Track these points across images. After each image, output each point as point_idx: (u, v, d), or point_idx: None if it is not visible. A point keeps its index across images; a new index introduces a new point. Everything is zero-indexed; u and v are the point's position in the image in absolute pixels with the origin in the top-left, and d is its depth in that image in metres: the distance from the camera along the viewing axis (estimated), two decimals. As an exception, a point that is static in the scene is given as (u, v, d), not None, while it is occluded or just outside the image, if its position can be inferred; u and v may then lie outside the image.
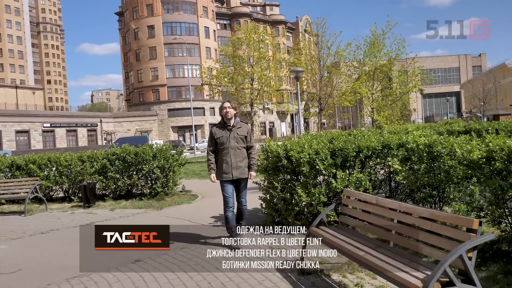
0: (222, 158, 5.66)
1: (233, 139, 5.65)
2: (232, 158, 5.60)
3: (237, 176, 5.63)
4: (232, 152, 5.62)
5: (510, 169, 4.34)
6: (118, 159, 10.37)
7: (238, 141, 5.68)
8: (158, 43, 62.93)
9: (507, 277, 3.91)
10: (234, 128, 5.72)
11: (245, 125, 5.86)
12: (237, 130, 5.73)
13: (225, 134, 5.68)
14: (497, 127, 11.67)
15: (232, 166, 5.60)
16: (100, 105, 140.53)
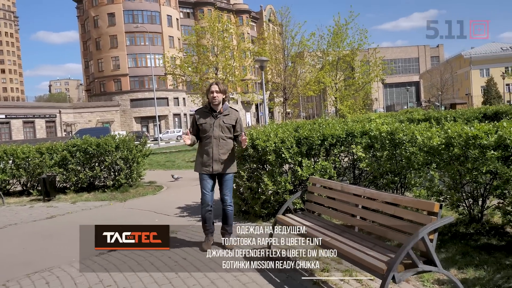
0: (204, 148, 4.93)
1: (217, 127, 4.89)
2: (214, 149, 4.86)
3: (218, 170, 4.90)
4: (215, 142, 4.87)
5: (467, 154, 4.51)
6: (79, 150, 10.07)
7: (224, 130, 4.91)
8: (119, 31, 61.31)
9: (464, 257, 4.08)
10: (221, 115, 4.94)
11: (234, 112, 5.05)
12: (224, 118, 4.94)
13: (209, 121, 4.92)
14: (454, 115, 12.12)
15: (214, 158, 4.86)
16: (58, 96, 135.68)
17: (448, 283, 3.53)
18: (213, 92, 4.91)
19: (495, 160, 4.18)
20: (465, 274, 3.71)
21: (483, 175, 4.48)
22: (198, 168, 4.99)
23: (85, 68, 73.10)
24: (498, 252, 4.13)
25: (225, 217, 5.03)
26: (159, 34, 63.20)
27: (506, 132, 4.15)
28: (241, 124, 5.08)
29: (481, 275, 3.66)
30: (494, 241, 4.46)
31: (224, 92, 4.96)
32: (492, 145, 4.23)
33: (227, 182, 4.98)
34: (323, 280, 3.78)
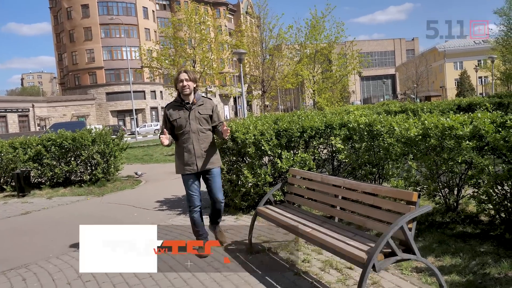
0: (183, 146, 4.39)
1: (194, 120, 4.37)
2: (195, 145, 4.35)
3: (203, 167, 4.40)
4: (194, 137, 4.35)
5: (443, 145, 4.60)
6: (54, 145, 9.85)
7: (201, 122, 4.41)
8: (94, 23, 60.07)
9: (441, 245, 4.18)
10: (195, 105, 4.42)
11: (208, 101, 4.56)
12: (199, 108, 4.43)
13: (183, 115, 4.38)
14: (430, 107, 12.34)
15: (196, 154, 4.36)
16: (31, 89, 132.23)
17: (426, 271, 3.61)
18: (182, 80, 4.40)
19: (470, 150, 4.28)
20: (442, 262, 3.80)
21: (458, 165, 4.58)
22: (180, 169, 4.45)
23: (58, 61, 71.39)
24: (473, 240, 4.24)
25: (217, 213, 4.63)
26: (135, 26, 62.21)
27: (481, 122, 4.24)
28: (218, 113, 4.60)
29: (457, 262, 3.75)
30: (469, 229, 4.57)
31: (194, 80, 4.46)
32: (467, 136, 4.32)
33: (215, 178, 4.48)
34: (304, 271, 3.80)
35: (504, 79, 34.99)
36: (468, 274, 3.50)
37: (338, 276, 3.66)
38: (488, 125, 4.17)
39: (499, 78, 37.06)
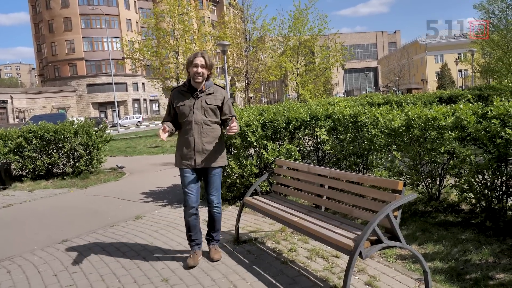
0: (183, 137, 3.92)
1: (198, 109, 3.85)
2: (195, 138, 3.85)
3: (202, 163, 3.88)
4: (196, 128, 3.85)
5: (426, 136, 4.69)
6: (36, 137, 9.68)
7: (207, 113, 3.88)
8: (74, 13, 58.97)
9: (424, 233, 4.28)
10: (203, 94, 3.88)
11: (220, 90, 3.99)
12: (207, 98, 3.89)
13: (188, 102, 3.87)
14: (412, 99, 12.52)
15: (196, 148, 3.85)
16: (9, 81, 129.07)
17: (409, 258, 3.69)
18: (197, 66, 3.80)
19: (453, 140, 4.38)
20: (425, 249, 3.89)
21: (441, 155, 4.69)
22: (178, 162, 3.98)
23: (37, 51, 69.89)
24: (454, 228, 4.35)
25: (212, 220, 4.06)
26: (116, 17, 61.29)
27: (463, 114, 4.34)
28: (230, 105, 4.02)
29: (440, 249, 3.85)
30: (451, 218, 4.68)
31: (211, 67, 3.89)
32: (450, 126, 4.42)
33: (214, 179, 3.97)
34: (291, 260, 3.85)
35: (484, 72, 35.63)
36: (450, 260, 3.59)
37: (324, 264, 3.72)
38: (470, 116, 4.27)
39: (479, 71, 37.71)
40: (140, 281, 3.60)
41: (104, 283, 3.61)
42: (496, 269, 3.35)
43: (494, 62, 28.87)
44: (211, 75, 3.95)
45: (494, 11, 26.85)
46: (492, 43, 27.18)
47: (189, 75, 3.91)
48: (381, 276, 3.40)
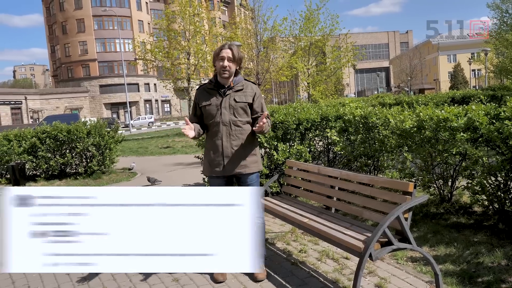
0: (211, 141, 3.49)
1: (227, 108, 3.42)
2: (224, 141, 3.42)
3: (232, 170, 3.44)
4: (224, 130, 3.42)
5: (438, 137, 4.66)
6: (49, 137, 9.83)
7: (237, 112, 3.43)
8: (86, 15, 59.57)
9: (435, 236, 4.25)
10: (231, 90, 3.45)
11: (250, 86, 3.53)
12: (235, 95, 3.45)
13: (214, 101, 3.45)
14: (424, 99, 12.43)
15: (224, 153, 3.42)
16: (24, 81, 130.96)
17: (420, 260, 3.67)
18: (223, 59, 3.38)
19: (465, 141, 4.34)
20: (436, 251, 3.87)
21: (453, 156, 4.64)
22: (206, 169, 3.57)
23: (51, 53, 70.76)
24: (467, 230, 4.32)
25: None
26: (128, 18, 61.76)
27: (475, 114, 4.30)
28: (262, 102, 3.56)
29: (451, 251, 3.82)
30: (463, 220, 4.64)
31: (239, 61, 3.45)
32: (461, 127, 4.37)
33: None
34: (301, 261, 3.86)
35: (497, 72, 35.20)
36: (462, 263, 3.56)
37: (334, 265, 3.71)
38: (482, 117, 4.23)
39: (492, 71, 37.27)
40: (151, 280, 3.64)
41: (115, 283, 3.65)
42: (509, 272, 3.32)
43: (508, 61, 28.52)
44: (240, 70, 3.54)
45: (507, 10, 26.52)
46: (506, 42, 26.86)
47: (215, 70, 3.50)
48: (392, 278, 3.38)
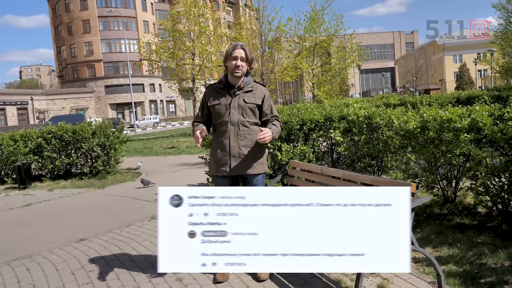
0: (218, 140, 3.52)
1: (236, 109, 3.45)
2: (231, 141, 3.44)
3: (238, 170, 3.46)
4: (232, 130, 3.45)
5: (442, 138, 4.65)
6: (55, 137, 9.89)
7: (245, 112, 3.47)
8: (92, 16, 59.90)
9: (439, 236, 4.24)
10: (240, 91, 3.48)
11: (260, 88, 3.58)
12: (245, 95, 3.48)
13: (224, 101, 3.48)
14: (429, 100, 12.39)
15: (231, 153, 3.44)
16: (30, 82, 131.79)
17: (423, 261, 3.67)
18: (236, 58, 3.40)
19: (468, 142, 4.33)
20: (439, 252, 3.87)
21: (456, 157, 4.64)
22: (212, 168, 3.59)
23: (57, 53, 71.23)
24: (470, 231, 4.31)
25: None
26: (134, 19, 62.02)
27: (479, 115, 4.29)
28: (271, 104, 3.60)
29: (455, 252, 3.82)
30: (467, 221, 4.64)
31: (251, 61, 3.49)
32: (465, 128, 4.37)
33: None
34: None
35: (503, 73, 35.01)
36: (465, 264, 3.56)
37: (337, 266, 3.72)
38: (486, 118, 4.22)
39: (498, 72, 37.07)
40: (155, 280, 3.66)
41: (119, 282, 3.68)
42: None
43: (514, 62, 28.38)
44: (251, 71, 3.57)
45: (514, 10, 26.40)
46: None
47: (226, 69, 3.51)
48: (394, 279, 3.39)
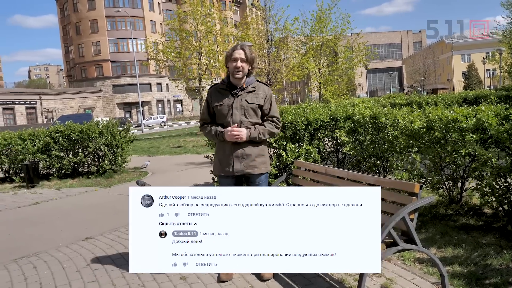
0: (221, 141, 3.55)
1: (238, 109, 3.48)
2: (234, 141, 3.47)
3: (241, 170, 3.48)
4: None
5: (447, 138, 4.63)
6: (62, 136, 9.97)
7: (248, 113, 3.49)
8: (100, 15, 60.22)
9: (444, 237, 4.23)
10: (243, 91, 3.51)
11: (262, 88, 3.59)
12: (247, 96, 3.51)
13: (226, 102, 3.51)
14: (436, 100, 12.33)
15: (234, 153, 3.48)
16: (38, 81, 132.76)
17: (428, 261, 3.66)
18: (236, 60, 3.44)
19: (474, 142, 4.31)
20: (444, 253, 3.85)
21: (462, 157, 4.62)
22: (216, 168, 3.66)
23: (65, 53, 71.68)
24: (475, 232, 4.29)
25: None
26: (141, 19, 62.24)
27: (484, 115, 4.27)
28: (272, 104, 3.60)
29: (459, 253, 3.81)
30: (472, 221, 4.62)
31: (252, 61, 3.51)
32: (471, 128, 4.35)
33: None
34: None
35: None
36: (469, 265, 3.55)
37: (341, 266, 3.72)
38: (491, 118, 4.20)
39: (507, 71, 36.73)
40: (159, 278, 3.69)
41: (124, 280, 3.71)
42: (517, 274, 3.30)
43: (523, 61, 28.11)
44: (253, 71, 3.58)
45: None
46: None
47: (228, 71, 3.56)
48: (398, 279, 3.39)
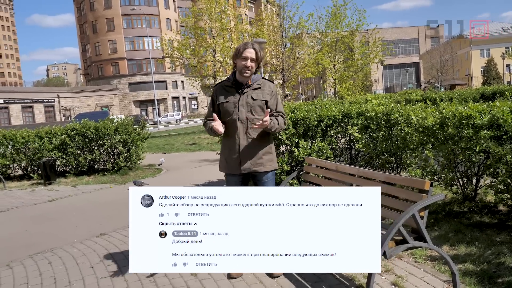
0: (228, 138, 3.52)
1: (244, 106, 3.43)
2: (241, 139, 3.43)
3: (248, 168, 3.45)
4: (241, 128, 3.43)
5: (461, 134, 4.56)
6: (78, 134, 10.13)
7: (254, 109, 3.45)
8: (116, 14, 60.78)
9: (457, 235, 4.18)
10: (249, 89, 3.47)
11: (268, 84, 3.55)
12: (253, 93, 3.47)
13: (232, 99, 3.46)
14: (451, 95, 12.14)
15: (241, 151, 3.43)
16: (56, 80, 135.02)
17: (440, 259, 3.62)
18: (246, 59, 3.38)
19: (488, 139, 4.23)
20: (456, 251, 3.81)
21: (476, 154, 4.54)
22: (222, 166, 3.62)
23: (82, 52, 72.59)
24: (489, 229, 4.22)
25: None
26: (156, 17, 62.63)
27: (499, 111, 4.19)
28: (277, 100, 3.57)
29: (472, 251, 3.75)
30: (487, 219, 4.54)
31: (261, 61, 3.48)
32: (485, 125, 4.27)
33: (267, 185, 3.53)
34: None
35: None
36: (482, 263, 3.50)
37: (351, 263, 3.71)
38: (507, 114, 4.12)
39: (527, 66, 35.94)
40: (171, 274, 3.72)
41: (136, 276, 3.76)
42: (531, 272, 3.24)
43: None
44: (259, 69, 3.55)
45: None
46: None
47: (234, 66, 3.50)
48: (409, 276, 3.36)
